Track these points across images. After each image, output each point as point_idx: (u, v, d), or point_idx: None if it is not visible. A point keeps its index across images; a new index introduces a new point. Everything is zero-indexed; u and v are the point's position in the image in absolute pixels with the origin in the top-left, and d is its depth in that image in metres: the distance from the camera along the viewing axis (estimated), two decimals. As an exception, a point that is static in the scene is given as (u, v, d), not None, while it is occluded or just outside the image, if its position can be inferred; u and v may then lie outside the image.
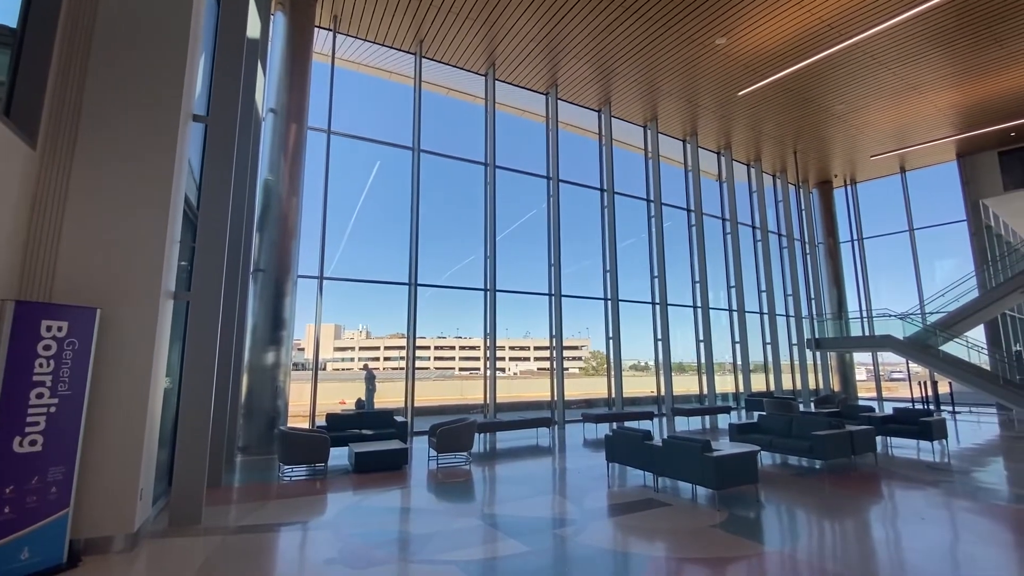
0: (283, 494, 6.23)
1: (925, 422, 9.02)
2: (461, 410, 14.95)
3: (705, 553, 4.29)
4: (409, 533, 4.84)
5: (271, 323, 8.88)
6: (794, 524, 5.20)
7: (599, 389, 14.29)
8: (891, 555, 4.36)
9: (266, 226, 9.11)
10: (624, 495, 6.17)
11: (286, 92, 9.58)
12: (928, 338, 15.00)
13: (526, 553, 4.26)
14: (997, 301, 14.52)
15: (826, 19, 10.35)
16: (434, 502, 5.96)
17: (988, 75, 12.49)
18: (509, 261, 13.21)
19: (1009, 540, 4.68)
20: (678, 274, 15.87)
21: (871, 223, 19.78)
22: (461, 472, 7.43)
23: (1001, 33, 10.85)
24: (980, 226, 16.91)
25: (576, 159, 14.63)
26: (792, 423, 8.18)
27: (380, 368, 55.51)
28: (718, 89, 13.31)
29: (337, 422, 8.86)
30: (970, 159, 17.20)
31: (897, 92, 13.29)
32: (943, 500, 5.95)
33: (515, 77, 12.99)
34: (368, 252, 14.23)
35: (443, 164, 12.23)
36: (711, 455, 5.69)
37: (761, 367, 17.61)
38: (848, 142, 16.51)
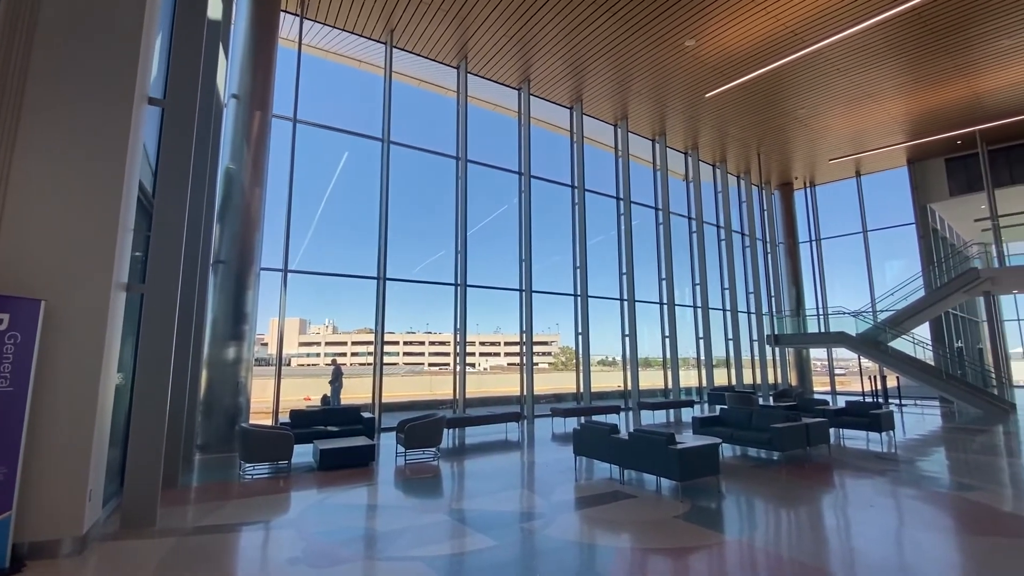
0: (244, 493, 6.05)
1: (874, 414, 9.50)
2: (431, 406, 14.85)
3: (668, 543, 4.40)
4: (375, 530, 4.78)
5: (232, 317, 8.58)
6: (753, 514, 5.39)
7: (568, 384, 14.44)
8: (842, 541, 4.57)
9: (227, 216, 8.78)
10: (591, 488, 6.26)
11: (250, 77, 9.24)
12: (878, 335, 15.77)
13: (493, 547, 4.27)
14: (941, 300, 15.39)
15: (790, 26, 10.68)
16: (401, 498, 5.91)
17: (937, 85, 13.16)
18: (480, 256, 13.17)
19: (949, 525, 4.98)
20: (646, 271, 16.17)
21: (828, 224, 20.66)
22: (429, 468, 7.38)
23: (951, 45, 11.44)
24: (927, 229, 17.85)
25: (548, 156, 14.69)
26: (752, 416, 8.47)
27: (348, 364, 54.53)
28: (686, 90, 13.58)
29: (302, 419, 8.66)
30: (920, 165, 18.12)
31: (854, 99, 13.86)
32: (890, 488, 6.27)
33: (488, 71, 12.91)
34: (335, 245, 13.91)
35: (414, 157, 12.07)
36: (675, 448, 5.84)
37: (724, 362, 18.16)
38: (808, 146, 17.13)
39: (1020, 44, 11.31)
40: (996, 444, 9.43)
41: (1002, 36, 11.05)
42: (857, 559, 4.11)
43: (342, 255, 11.80)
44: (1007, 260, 15.53)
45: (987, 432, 10.67)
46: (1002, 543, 4.44)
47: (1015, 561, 4.03)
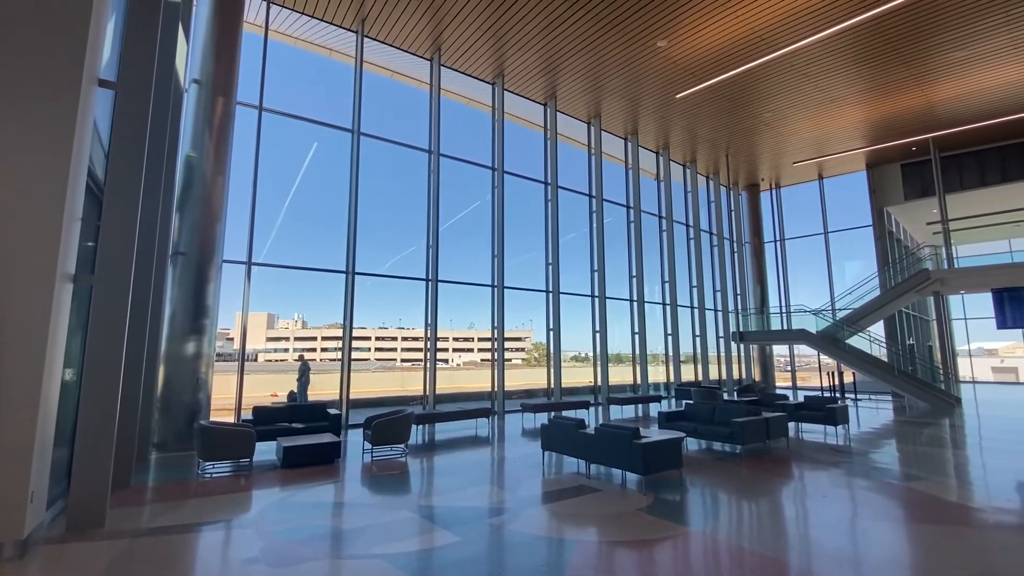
0: (202, 492, 5.86)
1: (830, 409, 9.87)
2: (401, 402, 14.72)
3: (630, 536, 4.47)
4: (338, 528, 4.70)
5: (192, 311, 8.28)
6: (713, 505, 5.53)
7: (540, 380, 14.52)
8: (798, 531, 4.74)
9: (187, 206, 8.46)
10: (558, 482, 6.31)
11: (212, 62, 8.90)
12: (837, 332, 16.40)
13: (457, 543, 4.26)
14: (895, 300, 16.09)
15: (757, 30, 10.93)
16: (366, 495, 5.83)
17: (895, 93, 13.70)
18: (453, 252, 13.08)
19: (899, 515, 5.22)
20: (617, 268, 16.37)
21: (792, 225, 21.34)
22: (396, 464, 7.31)
23: (908, 55, 11.92)
24: (884, 231, 18.63)
25: (521, 152, 14.67)
26: (715, 411, 8.69)
27: (317, 359, 53.35)
28: (658, 90, 13.76)
29: (265, 415, 8.44)
30: (878, 170, 18.87)
31: (818, 104, 14.30)
32: (844, 479, 6.54)
33: (461, 64, 12.79)
34: (304, 238, 13.60)
35: (385, 149, 11.87)
36: (639, 442, 5.93)
37: (691, 358, 18.57)
38: (774, 148, 17.61)
39: (971, 56, 11.88)
40: (942, 436, 9.94)
41: (955, 48, 11.58)
42: (812, 549, 4.27)
43: (312, 248, 11.57)
44: (956, 262, 16.34)
45: (934, 425, 11.24)
46: (946, 531, 4.68)
47: (957, 548, 4.25)
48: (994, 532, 4.63)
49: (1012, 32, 10.94)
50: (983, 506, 5.42)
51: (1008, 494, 5.88)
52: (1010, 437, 9.68)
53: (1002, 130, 15.57)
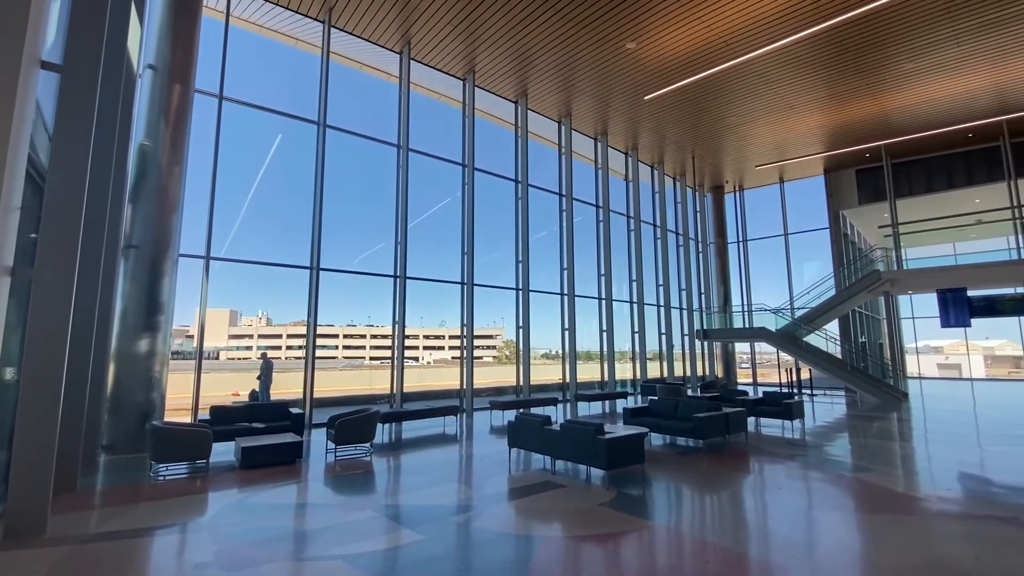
0: (154, 495, 5.62)
1: (787, 404, 10.25)
2: (368, 400, 14.48)
3: (593, 530, 4.52)
4: (297, 529, 4.59)
5: (146, 307, 7.93)
6: (674, 499, 5.66)
7: (510, 377, 14.55)
8: (755, 522, 4.89)
9: (141, 197, 8.09)
10: (524, 479, 6.33)
11: (169, 47, 8.52)
12: (795, 331, 17.02)
13: (420, 542, 4.22)
14: (849, 299, 16.81)
15: (722, 36, 11.21)
16: (328, 496, 5.71)
17: (850, 101, 14.29)
18: (422, 249, 12.95)
19: (849, 505, 5.45)
20: (586, 267, 16.54)
21: (754, 226, 22.03)
22: (361, 464, 7.19)
23: (862, 65, 12.44)
24: (839, 234, 19.44)
25: (492, 149, 14.64)
26: (678, 406, 8.89)
27: (282, 357, 51.92)
28: (627, 91, 13.94)
29: (223, 415, 8.17)
30: (834, 175, 19.67)
31: (779, 109, 14.79)
32: (799, 472, 6.79)
33: (432, 59, 12.65)
34: (268, 233, 13.22)
35: (352, 143, 11.64)
36: (603, 438, 6.01)
37: (657, 355, 18.96)
38: (738, 151, 18.12)
39: (920, 68, 12.49)
40: (891, 430, 10.44)
41: (905, 60, 12.15)
42: (768, 539, 4.41)
43: (276, 244, 11.24)
44: (904, 264, 17.20)
45: (883, 419, 11.80)
46: (892, 519, 4.92)
47: (903, 535, 4.48)
48: (936, 520, 4.90)
49: (959, 46, 11.56)
50: (927, 495, 5.72)
51: (950, 483, 6.23)
52: (952, 430, 10.26)
53: (948, 139, 16.45)
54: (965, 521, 4.79)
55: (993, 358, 27.42)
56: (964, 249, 20.50)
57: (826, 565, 3.82)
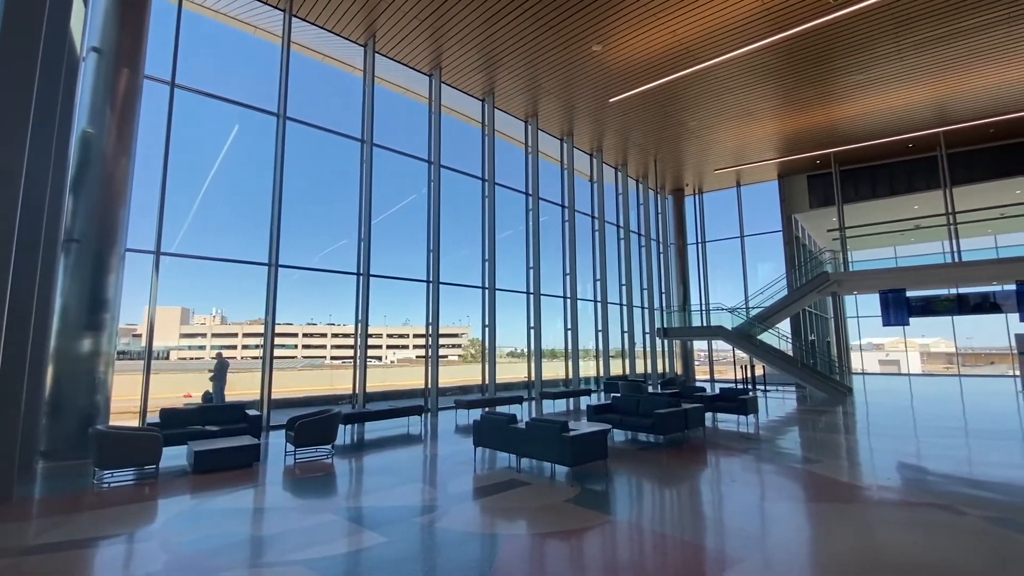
0: (98, 504, 5.32)
1: (742, 399, 10.65)
2: (330, 401, 14.16)
3: (557, 527, 4.58)
4: (254, 535, 4.44)
5: (88, 304, 7.48)
6: (636, 494, 5.79)
7: (477, 376, 14.52)
8: (712, 514, 5.07)
9: (84, 188, 7.61)
10: (489, 478, 6.34)
11: (115, 29, 8.05)
12: (750, 329, 17.69)
13: (383, 544, 4.16)
14: (799, 299, 17.61)
15: (685, 42, 11.51)
16: (288, 499, 5.56)
17: (803, 110, 14.95)
18: (386, 246, 12.75)
19: (799, 495, 5.72)
20: (551, 266, 16.68)
21: (712, 228, 22.78)
22: (321, 466, 7.02)
23: (814, 76, 13.04)
24: (791, 237, 20.32)
25: (459, 147, 14.55)
26: (640, 403, 9.10)
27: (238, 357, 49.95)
28: (593, 93, 14.13)
29: (174, 418, 7.81)
30: (787, 180, 20.55)
31: (737, 116, 15.32)
32: (753, 465, 7.07)
33: (397, 53, 12.44)
34: (224, 227, 12.72)
35: (314, 136, 11.32)
36: (568, 435, 6.09)
37: (620, 353, 19.34)
38: (698, 155, 18.67)
39: (867, 80, 13.19)
40: (837, 423, 11.01)
41: (854, 72, 12.81)
42: (723, 530, 4.58)
43: (233, 238, 10.82)
44: (850, 266, 18.16)
45: (830, 413, 12.43)
46: (838, 508, 5.19)
47: (846, 522, 4.73)
48: (878, 508, 5.20)
49: (902, 61, 12.27)
50: (869, 485, 6.07)
51: (889, 473, 6.63)
52: (892, 422, 10.92)
53: (891, 149, 17.44)
54: (904, 508, 5.11)
55: (928, 355, 29.33)
56: (904, 252, 21.80)
57: (777, 554, 4.00)
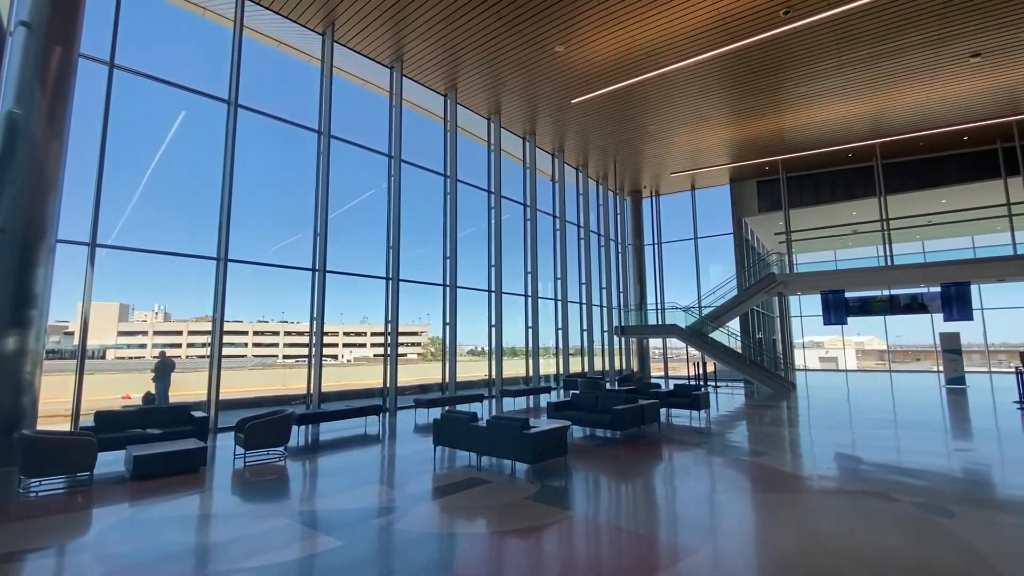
0: (24, 514, 4.93)
1: (695, 395, 11.03)
2: (283, 401, 13.67)
3: (517, 524, 4.59)
4: (200, 543, 4.23)
5: (13, 299, 6.89)
6: (594, 489, 5.89)
7: (436, 375, 14.38)
8: (666, 507, 5.23)
9: (9, 173, 7.01)
10: (449, 477, 6.29)
11: (47, 3, 7.44)
12: (702, 327, 18.35)
13: (338, 548, 4.05)
14: (748, 299, 18.41)
15: (644, 48, 11.77)
16: (237, 504, 5.32)
17: (754, 117, 15.62)
18: (344, 242, 12.42)
19: (747, 486, 5.98)
20: (513, 264, 16.72)
21: (668, 230, 23.48)
22: (273, 469, 6.77)
23: (764, 86, 13.64)
24: (741, 239, 21.21)
25: (420, 142, 14.35)
26: (598, 400, 9.27)
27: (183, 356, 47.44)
28: (555, 94, 14.24)
29: (111, 421, 7.32)
30: (738, 184, 21.43)
31: (693, 121, 15.83)
32: (704, 458, 7.34)
33: (358, 44, 12.12)
34: (168, 218, 12.04)
35: (268, 126, 10.87)
36: (528, 432, 6.13)
37: (579, 351, 19.64)
38: (656, 159, 19.18)
39: (812, 92, 13.91)
40: (781, 417, 11.59)
41: (800, 84, 13.48)
42: (677, 522, 4.73)
43: (178, 230, 10.25)
44: (795, 268, 19.14)
45: (775, 407, 13.07)
46: (783, 498, 5.46)
47: (791, 511, 4.98)
48: (819, 497, 5.51)
49: (843, 76, 13.01)
50: (811, 475, 6.42)
51: (829, 463, 7.03)
52: (831, 415, 11.59)
53: (833, 158, 18.48)
54: (842, 497, 5.43)
55: (863, 352, 31.35)
56: (843, 256, 23.18)
57: (728, 544, 4.17)
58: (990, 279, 16.62)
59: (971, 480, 6.14)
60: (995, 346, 23.80)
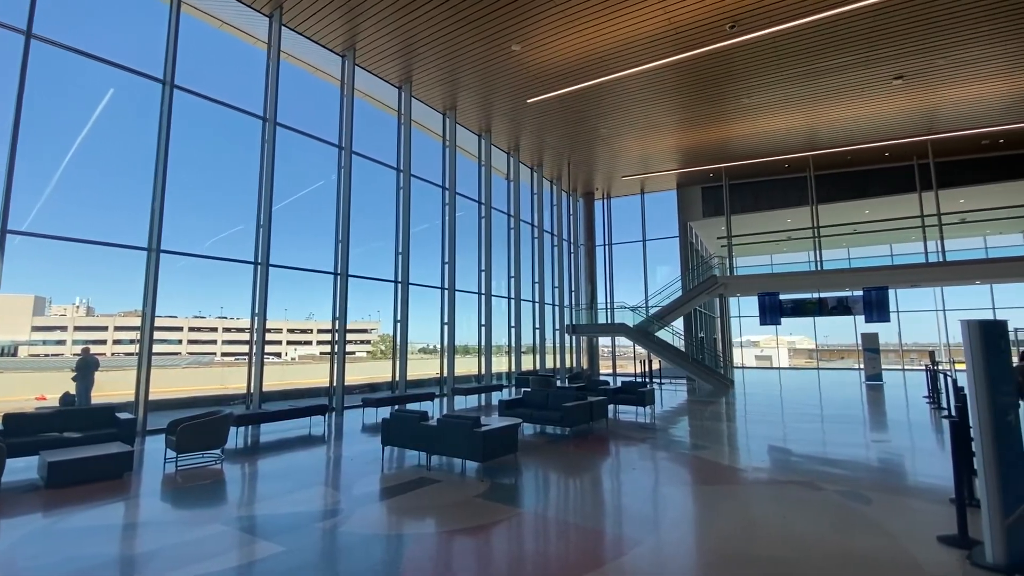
0: (-88, 530, 4.41)
1: (641, 392, 11.40)
2: (220, 401, 12.96)
3: (466, 523, 4.57)
4: (124, 554, 3.93)
5: (-97, 289, 6.16)
6: (543, 485, 5.96)
7: (386, 373, 14.07)
8: (612, 500, 5.36)
9: (-102, 148, 6.25)
10: (397, 477, 6.17)
11: (-52, -40, 6.69)
12: (649, 326, 18.97)
13: (279, 554, 3.88)
14: (692, 300, 19.21)
15: (600, 52, 12.00)
16: (167, 511, 5.00)
17: (701, 126, 16.27)
18: (290, 235, 11.93)
19: (688, 479, 6.23)
20: (467, 262, 16.64)
21: (619, 232, 24.15)
22: (209, 473, 6.40)
23: (712, 96, 14.23)
24: (687, 242, 22.10)
25: (374, 135, 13.99)
26: (549, 397, 9.38)
27: (108, 353, 44.06)
28: (511, 92, 14.27)
29: (23, 424, 6.69)
30: (684, 190, 22.30)
31: (644, 126, 16.30)
32: (649, 452, 7.59)
33: (307, 29, 11.64)
34: (94, 204, 11.11)
35: (209, 111, 10.26)
36: (479, 430, 6.11)
37: (531, 348, 19.81)
38: (608, 162, 19.62)
39: (753, 104, 14.65)
40: (720, 412, 12.16)
41: (743, 96, 14.17)
42: (623, 515, 4.86)
43: (104, 218, 9.48)
44: (735, 271, 20.14)
45: (715, 403, 13.71)
46: (721, 489, 5.72)
47: (728, 501, 5.24)
48: (753, 487, 5.82)
49: (781, 90, 13.79)
50: (746, 467, 6.77)
51: (762, 456, 7.45)
52: (765, 411, 12.28)
53: (771, 167, 19.57)
54: (774, 487, 5.76)
55: (794, 350, 33.45)
56: (779, 260, 24.60)
57: (670, 534, 4.33)
58: (905, 284, 18.13)
59: (886, 469, 6.68)
60: (908, 346, 26.06)
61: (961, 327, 3.92)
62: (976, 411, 3.80)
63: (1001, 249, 21.48)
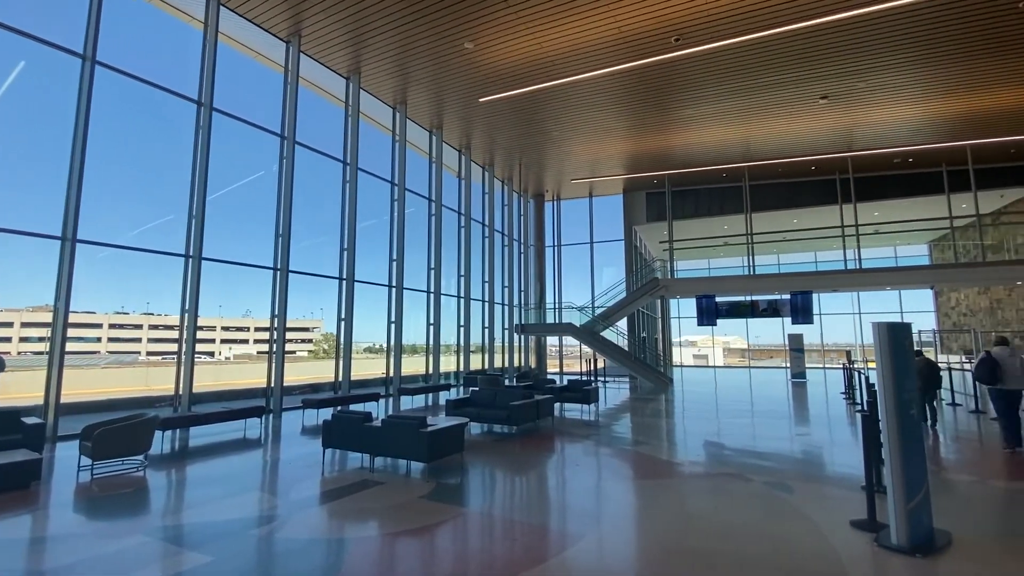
0: None
1: (585, 390, 11.67)
2: (145, 404, 12.07)
3: (409, 524, 4.51)
4: (31, 569, 3.59)
5: None
6: (489, 484, 5.98)
7: (329, 373, 13.60)
8: (556, 497, 5.45)
9: None
10: (339, 480, 6.00)
11: None
12: (595, 326, 19.45)
13: (207, 564, 3.67)
14: (635, 301, 19.87)
15: (550, 55, 12.16)
16: (82, 523, 4.61)
17: (647, 133, 16.86)
18: (225, 227, 11.30)
19: (629, 474, 6.44)
20: (415, 260, 16.38)
21: (567, 233, 24.62)
22: (130, 481, 5.96)
23: (657, 105, 14.77)
24: (631, 245, 22.84)
25: (319, 126, 13.50)
26: (496, 396, 9.42)
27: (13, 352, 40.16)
28: (464, 90, 14.18)
29: (-95, 431, 5.95)
30: (630, 195, 23.04)
31: (593, 131, 16.68)
32: (592, 449, 7.78)
33: (248, 11, 11.04)
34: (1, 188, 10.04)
35: (136, 91, 9.52)
36: (425, 431, 6.05)
37: (480, 348, 19.79)
38: (558, 164, 19.93)
39: (695, 115, 15.36)
40: (660, 409, 12.66)
41: (686, 107, 14.82)
42: (567, 511, 4.95)
43: (12, 203, 8.58)
44: (676, 274, 21.02)
45: (655, 400, 14.25)
46: (659, 483, 5.96)
47: (666, 494, 5.46)
48: (689, 480, 6.10)
49: (720, 103, 14.53)
50: (682, 461, 7.09)
51: (698, 450, 7.82)
52: (701, 408, 12.90)
53: (710, 176, 20.58)
54: (709, 479, 6.07)
55: (729, 350, 35.34)
56: (716, 265, 25.89)
57: (612, 528, 4.46)
58: (826, 289, 19.58)
59: (807, 460, 7.20)
60: (828, 346, 28.18)
61: (872, 329, 4.29)
62: (883, 405, 4.17)
63: (909, 258, 23.81)
